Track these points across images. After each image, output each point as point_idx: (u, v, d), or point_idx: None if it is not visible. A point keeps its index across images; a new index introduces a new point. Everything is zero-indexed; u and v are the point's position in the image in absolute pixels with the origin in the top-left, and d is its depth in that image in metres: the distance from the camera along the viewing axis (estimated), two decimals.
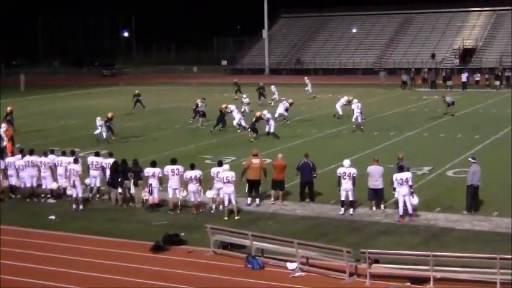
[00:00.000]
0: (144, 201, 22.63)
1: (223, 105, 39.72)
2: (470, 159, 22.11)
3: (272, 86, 54.86)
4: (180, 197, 22.15)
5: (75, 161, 23.22)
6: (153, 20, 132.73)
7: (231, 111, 39.39)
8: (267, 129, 36.57)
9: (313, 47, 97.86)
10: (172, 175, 22.17)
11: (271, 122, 36.74)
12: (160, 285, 15.92)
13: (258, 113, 37.22)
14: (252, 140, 35.24)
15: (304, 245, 16.71)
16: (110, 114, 36.24)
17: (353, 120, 38.67)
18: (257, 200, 22.65)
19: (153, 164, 22.75)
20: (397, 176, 20.66)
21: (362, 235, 19.35)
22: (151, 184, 22.28)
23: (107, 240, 19.36)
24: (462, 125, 39.61)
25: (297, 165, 23.06)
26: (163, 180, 22.45)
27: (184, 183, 22.04)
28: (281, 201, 22.90)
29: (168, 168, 22.34)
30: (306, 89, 57.80)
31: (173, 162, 22.62)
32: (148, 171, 22.50)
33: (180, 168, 22.34)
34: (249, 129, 36.55)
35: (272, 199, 22.95)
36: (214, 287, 15.92)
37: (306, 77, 61.52)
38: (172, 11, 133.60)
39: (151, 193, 22.27)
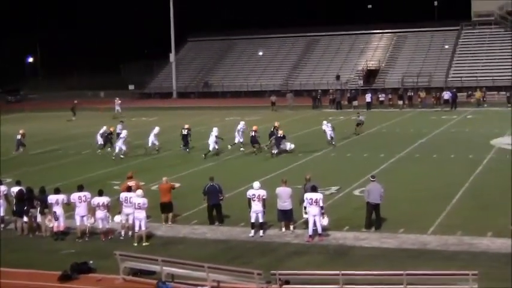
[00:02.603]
0: (50, 229, 22.11)
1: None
2: (370, 177, 22.62)
3: None
4: (88, 224, 21.74)
5: None
6: (59, 45, 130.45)
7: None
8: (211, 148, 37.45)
9: (221, 70, 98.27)
10: (80, 202, 21.75)
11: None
12: None
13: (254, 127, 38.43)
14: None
15: (214, 269, 16.66)
16: (21, 131, 38.63)
17: (328, 139, 39.56)
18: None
19: (57, 191, 22.27)
20: (308, 196, 20.88)
21: (273, 256, 19.41)
22: (55, 211, 21.75)
23: (13, 272, 18.77)
24: (368, 145, 40.48)
25: (203, 189, 23.00)
26: (70, 208, 22.01)
27: (92, 210, 21.66)
28: (171, 223, 22.76)
29: (75, 195, 21.90)
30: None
31: (80, 189, 22.19)
32: (52, 198, 21.96)
33: (87, 194, 21.95)
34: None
35: (163, 222, 22.78)
36: None
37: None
38: (77, 36, 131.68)
39: (56, 219, 21.76)
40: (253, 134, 38.34)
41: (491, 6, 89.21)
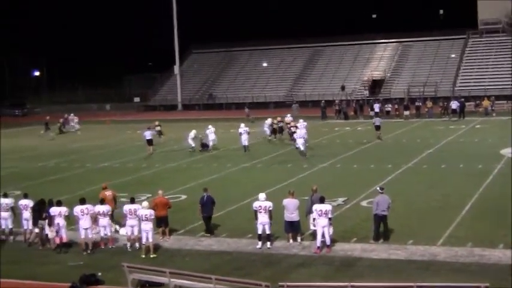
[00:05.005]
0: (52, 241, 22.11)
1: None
2: (378, 188, 22.45)
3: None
4: (94, 236, 21.72)
5: None
6: (64, 58, 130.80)
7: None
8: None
9: (225, 81, 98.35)
10: (82, 215, 21.71)
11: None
12: None
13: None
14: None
15: (221, 280, 16.47)
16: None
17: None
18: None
19: (58, 203, 22.26)
20: (317, 207, 20.71)
21: (280, 268, 19.23)
22: (58, 223, 21.73)
23: (21, 283, 18.72)
24: (374, 156, 40.22)
25: (200, 199, 22.97)
26: (72, 221, 22.00)
27: (94, 218, 21.76)
28: (168, 237, 22.61)
29: (78, 208, 21.87)
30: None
31: (82, 202, 22.18)
32: (54, 210, 21.97)
33: (90, 207, 21.96)
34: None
35: (160, 236, 22.58)
36: None
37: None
38: (83, 49, 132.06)
39: (58, 232, 21.71)
40: (279, 125, 47.98)
41: (498, 14, 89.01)
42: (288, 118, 50.23)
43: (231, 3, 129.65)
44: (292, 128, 46.69)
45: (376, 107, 64.98)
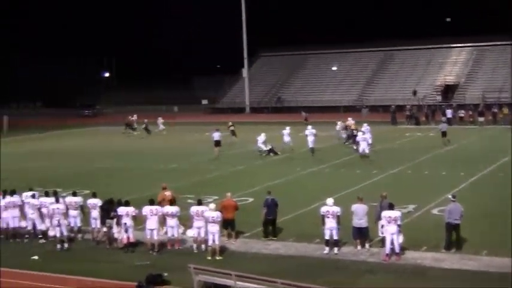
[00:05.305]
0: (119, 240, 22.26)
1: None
2: (450, 196, 21.78)
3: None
4: (160, 237, 21.78)
5: (57, 201, 23.10)
6: (133, 60, 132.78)
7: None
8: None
9: (294, 85, 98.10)
10: (151, 215, 21.85)
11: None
12: None
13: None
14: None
15: (287, 285, 16.22)
16: None
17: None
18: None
19: (127, 203, 22.41)
20: (386, 214, 20.26)
21: (347, 274, 18.91)
22: (125, 223, 21.87)
23: (88, 280, 18.90)
24: (446, 162, 39.24)
25: (264, 202, 22.92)
26: (140, 221, 22.10)
27: (161, 220, 21.83)
28: (234, 240, 22.49)
29: (146, 208, 22.02)
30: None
31: (151, 202, 22.33)
32: (121, 210, 22.14)
33: (159, 208, 22.11)
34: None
35: (226, 238, 22.44)
36: None
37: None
38: (152, 51, 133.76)
39: (126, 232, 21.84)
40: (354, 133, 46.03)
41: None
42: (350, 121, 49.78)
43: (300, 7, 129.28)
44: (353, 131, 46.69)
45: (449, 112, 63.65)
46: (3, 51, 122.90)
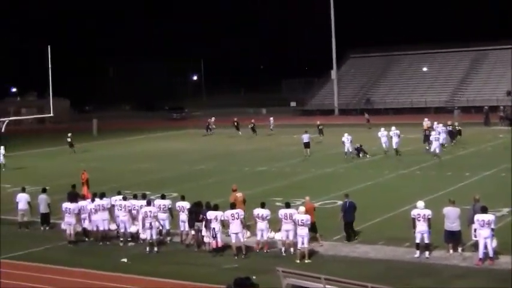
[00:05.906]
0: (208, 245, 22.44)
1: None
2: None
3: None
4: (244, 239, 21.84)
5: (149, 203, 23.40)
6: (221, 63, 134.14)
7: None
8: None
9: (383, 86, 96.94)
10: (233, 219, 21.86)
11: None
12: None
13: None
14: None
15: None
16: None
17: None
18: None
19: (215, 207, 22.50)
20: (479, 217, 19.79)
21: (439, 279, 18.56)
22: (214, 228, 21.96)
23: (177, 284, 19.12)
24: None
25: (343, 206, 22.86)
26: (225, 225, 22.23)
27: (253, 221, 22.00)
28: (321, 243, 22.30)
29: (228, 213, 22.06)
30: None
31: (232, 206, 22.41)
32: (210, 214, 22.19)
33: (240, 212, 22.12)
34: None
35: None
36: None
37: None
38: (240, 54, 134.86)
39: (214, 237, 21.95)
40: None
41: None
42: (426, 122, 49.06)
43: (389, 7, 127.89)
44: (426, 132, 46.74)
45: None
46: (93, 57, 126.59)
